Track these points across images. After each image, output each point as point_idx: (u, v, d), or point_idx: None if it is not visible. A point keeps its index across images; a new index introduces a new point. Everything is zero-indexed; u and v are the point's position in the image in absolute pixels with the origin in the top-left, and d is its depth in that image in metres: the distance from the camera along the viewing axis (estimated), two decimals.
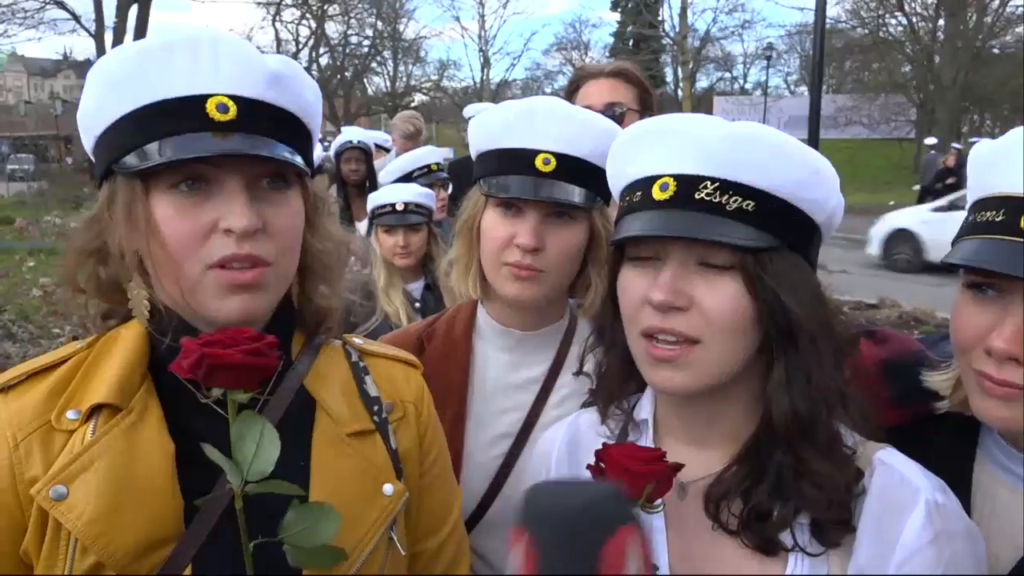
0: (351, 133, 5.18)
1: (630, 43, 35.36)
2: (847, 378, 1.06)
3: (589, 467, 1.03)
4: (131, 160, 0.96)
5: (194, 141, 0.95)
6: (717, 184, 0.99)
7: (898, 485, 0.99)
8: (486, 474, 1.51)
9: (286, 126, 1.02)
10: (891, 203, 21.22)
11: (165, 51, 0.97)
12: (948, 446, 1.17)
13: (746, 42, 60.71)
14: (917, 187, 19.10)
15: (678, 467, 1.00)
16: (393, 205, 3.15)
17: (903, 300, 9.13)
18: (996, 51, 28.20)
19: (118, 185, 0.99)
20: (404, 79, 39.38)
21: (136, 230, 0.98)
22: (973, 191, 1.11)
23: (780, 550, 0.99)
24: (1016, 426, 1.04)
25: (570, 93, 2.42)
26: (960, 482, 1.07)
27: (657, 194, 1.02)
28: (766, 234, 0.99)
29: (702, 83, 41.53)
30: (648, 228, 1.01)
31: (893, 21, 27.84)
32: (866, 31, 28.52)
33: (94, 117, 1.00)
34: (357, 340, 1.22)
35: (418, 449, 1.17)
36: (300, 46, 35.27)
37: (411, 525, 1.16)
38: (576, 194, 1.44)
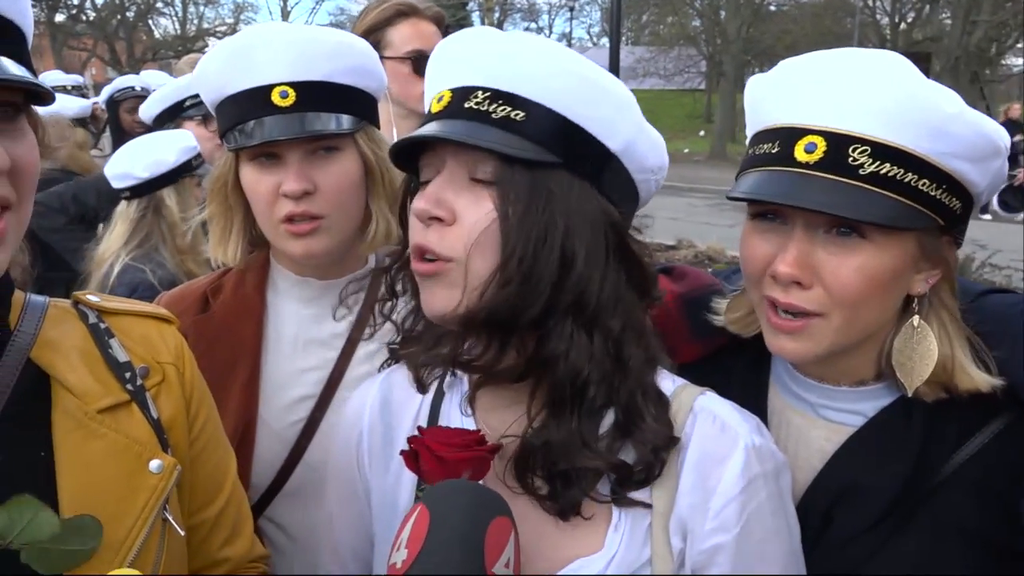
0: (147, 79, 4.73)
1: None
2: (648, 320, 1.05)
3: (403, 454, 0.98)
4: None
5: None
6: (488, 93, 0.96)
7: (719, 432, 1.00)
8: (284, 441, 1.39)
9: None
10: (686, 150, 22.61)
11: None
12: (744, 376, 1.21)
13: None
14: (703, 133, 21.44)
15: (496, 449, 0.97)
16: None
17: (697, 241, 9.80)
18: (773, 8, 30.51)
19: None
20: (196, 22, 36.45)
21: None
22: (751, 125, 1.13)
23: (601, 504, 0.98)
24: (807, 359, 1.09)
25: (386, 21, 2.23)
26: (756, 411, 1.10)
27: (435, 106, 1.00)
28: (535, 146, 0.95)
29: None
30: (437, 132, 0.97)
31: None
32: None
33: None
34: (92, 297, 1.04)
35: (185, 414, 1.04)
36: None
37: (184, 498, 1.04)
38: (334, 121, 1.31)
